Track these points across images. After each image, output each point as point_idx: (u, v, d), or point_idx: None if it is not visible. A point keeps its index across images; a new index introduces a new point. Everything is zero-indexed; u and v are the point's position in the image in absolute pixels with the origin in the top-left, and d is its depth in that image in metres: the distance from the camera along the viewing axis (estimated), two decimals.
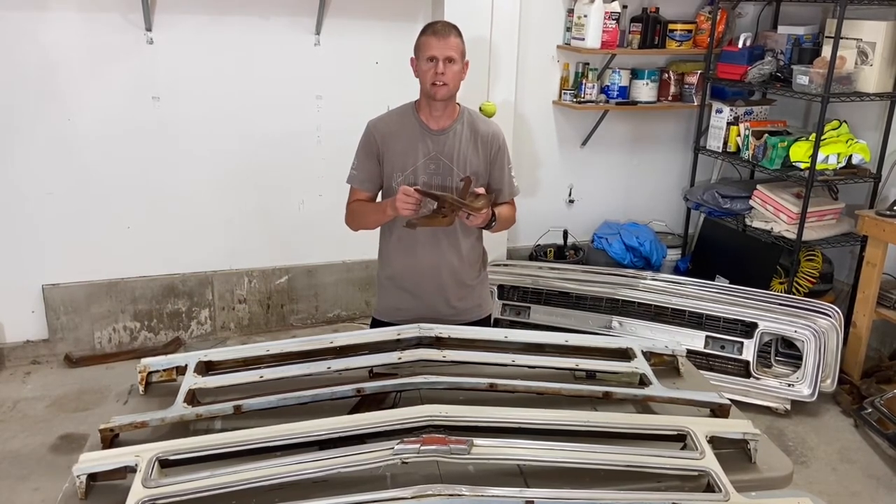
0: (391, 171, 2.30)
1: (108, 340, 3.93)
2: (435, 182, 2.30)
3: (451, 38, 2.23)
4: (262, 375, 1.96)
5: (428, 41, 2.23)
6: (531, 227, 4.54)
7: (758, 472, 1.75)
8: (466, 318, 2.48)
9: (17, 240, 3.66)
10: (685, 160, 4.73)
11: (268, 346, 2.10)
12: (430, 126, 2.30)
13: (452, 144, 2.31)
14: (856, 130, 3.94)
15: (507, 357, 2.07)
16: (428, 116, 2.31)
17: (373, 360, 2.04)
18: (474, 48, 3.86)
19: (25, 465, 3.00)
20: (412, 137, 2.29)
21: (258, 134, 3.89)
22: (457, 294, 2.45)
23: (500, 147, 2.38)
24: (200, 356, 2.04)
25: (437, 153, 2.30)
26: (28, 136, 3.55)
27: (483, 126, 2.37)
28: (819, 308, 3.59)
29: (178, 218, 3.90)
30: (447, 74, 2.21)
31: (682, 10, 4.38)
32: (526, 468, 1.69)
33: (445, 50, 2.21)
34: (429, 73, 2.23)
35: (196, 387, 1.90)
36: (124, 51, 3.58)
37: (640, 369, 2.03)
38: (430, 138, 2.30)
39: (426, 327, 2.16)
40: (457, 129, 2.32)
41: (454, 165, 2.31)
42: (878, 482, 3.03)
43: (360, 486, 1.57)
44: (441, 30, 2.23)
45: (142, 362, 2.02)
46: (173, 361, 2.03)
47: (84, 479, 1.59)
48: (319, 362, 2.03)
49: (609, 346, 2.18)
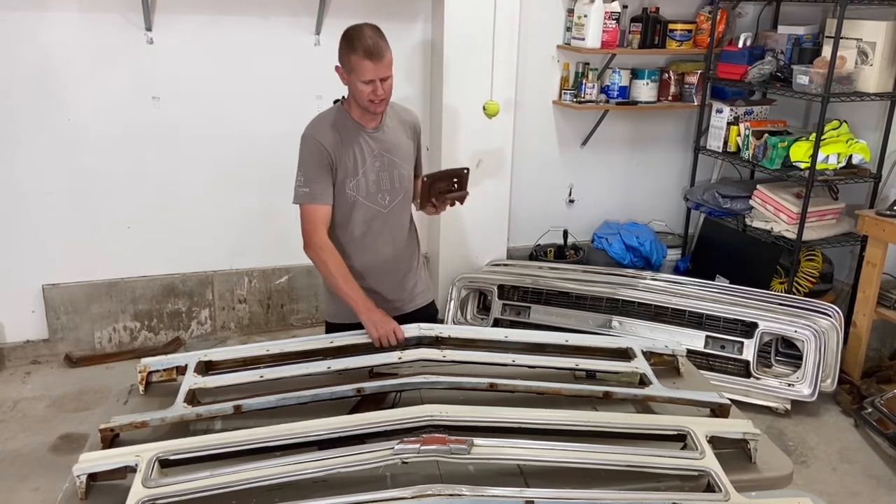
0: (343, 177, 2.28)
1: (108, 340, 3.93)
2: (384, 178, 2.33)
3: (385, 57, 2.19)
4: (262, 375, 1.97)
5: (363, 65, 2.15)
6: (531, 226, 4.54)
7: (758, 472, 1.76)
8: (420, 301, 2.53)
9: (17, 240, 3.66)
10: (685, 160, 4.73)
11: (268, 346, 2.10)
12: (367, 126, 2.32)
13: (390, 139, 2.35)
14: (856, 130, 3.94)
15: (508, 357, 2.07)
16: (361, 117, 2.31)
17: (373, 359, 2.04)
18: (475, 48, 3.89)
19: (25, 465, 3.00)
20: (354, 141, 2.30)
21: (258, 134, 3.89)
22: (412, 280, 2.51)
23: (420, 130, 2.50)
24: (200, 356, 2.04)
25: (380, 150, 2.33)
26: (28, 136, 3.55)
27: (405, 114, 2.46)
28: (819, 308, 3.59)
29: (178, 218, 3.89)
30: (386, 91, 2.23)
31: (682, 10, 4.37)
32: (526, 468, 1.69)
33: (382, 70, 2.19)
34: (366, 93, 2.20)
35: (196, 387, 1.90)
36: (124, 51, 3.58)
37: (640, 369, 2.03)
38: (370, 137, 2.32)
39: (426, 327, 2.17)
40: (387, 123, 2.36)
41: (396, 158, 2.36)
42: (878, 482, 3.03)
43: (360, 486, 1.58)
44: (375, 51, 2.15)
45: (142, 362, 2.03)
46: (173, 361, 2.03)
47: (84, 479, 1.59)
48: (319, 362, 2.03)
49: (609, 345, 2.19)
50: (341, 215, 2.32)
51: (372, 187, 2.32)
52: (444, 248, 4.16)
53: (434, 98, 4.09)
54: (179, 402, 1.84)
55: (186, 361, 2.02)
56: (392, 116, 2.39)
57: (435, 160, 4.13)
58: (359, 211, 2.32)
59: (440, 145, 4.02)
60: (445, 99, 3.96)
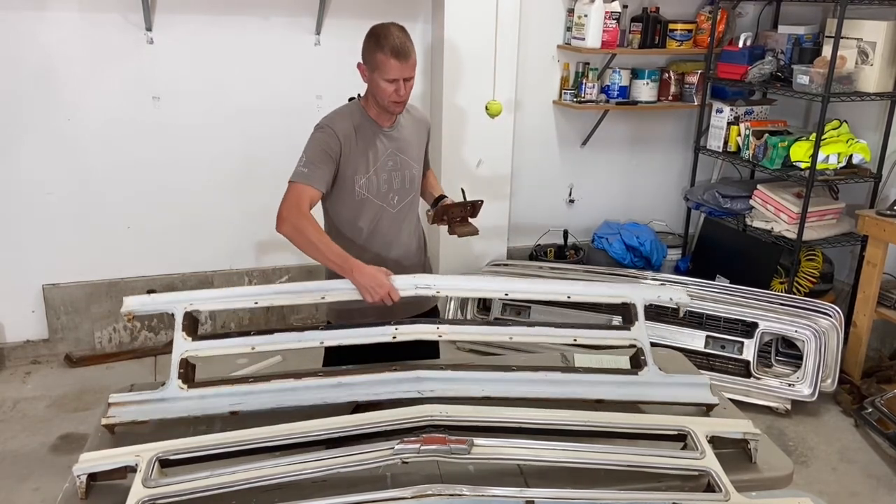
0: (353, 172, 2.26)
1: (108, 340, 3.93)
2: (395, 178, 2.33)
3: (411, 58, 2.19)
4: (253, 346, 1.94)
5: (389, 63, 2.16)
6: (531, 226, 4.54)
7: (758, 471, 1.76)
8: (427, 304, 2.45)
9: (17, 240, 3.66)
10: (685, 160, 4.73)
11: (256, 298, 2.04)
12: (382, 124, 2.32)
13: (404, 138, 2.36)
14: (856, 130, 3.94)
15: (504, 334, 2.05)
16: (378, 115, 2.31)
17: (367, 333, 2.00)
18: (475, 48, 3.88)
19: (25, 465, 3.00)
20: (369, 138, 2.29)
21: (258, 134, 3.89)
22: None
23: (430, 128, 2.52)
24: (186, 305, 1.95)
25: (393, 150, 2.33)
26: (28, 136, 3.55)
27: (416, 112, 2.46)
28: (819, 308, 3.59)
29: (179, 218, 3.89)
30: (407, 92, 2.23)
31: (683, 10, 4.37)
32: (526, 468, 1.69)
33: (407, 71, 2.19)
34: (389, 92, 2.20)
35: (188, 355, 1.89)
36: (124, 51, 3.58)
37: (637, 341, 1.99)
38: (385, 136, 2.32)
39: (422, 285, 2.10)
40: (402, 122, 2.36)
41: (408, 158, 2.36)
42: (878, 482, 3.03)
43: (360, 486, 1.58)
44: (402, 51, 2.16)
45: (124, 303, 1.95)
46: (158, 304, 1.97)
47: (84, 478, 1.59)
48: (312, 333, 1.97)
49: (610, 298, 2.11)
50: (349, 213, 2.31)
51: (383, 186, 2.30)
52: (444, 248, 4.16)
53: (434, 98, 4.09)
54: (174, 378, 1.85)
55: (173, 310, 1.95)
56: (405, 115, 2.38)
57: (435, 160, 4.11)
58: (367, 209, 2.31)
59: (440, 145, 4.02)
60: (445, 99, 3.96)
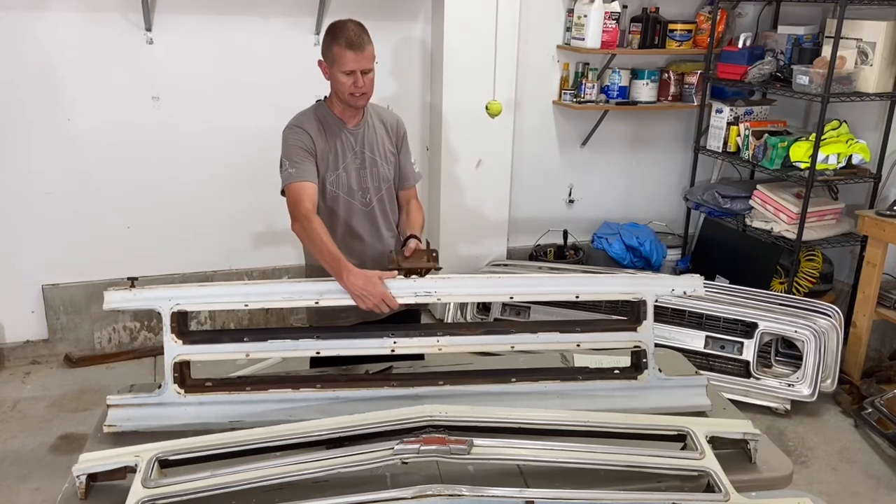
0: (324, 169, 2.30)
1: (108, 340, 3.93)
2: (363, 175, 2.34)
3: (367, 49, 2.21)
4: (247, 354, 1.95)
5: (344, 55, 2.18)
6: (531, 227, 4.54)
7: (758, 472, 1.76)
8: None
9: (17, 240, 3.65)
10: (685, 160, 4.73)
11: (247, 293, 2.05)
12: (347, 122, 2.34)
13: (371, 137, 2.37)
14: (856, 130, 3.94)
15: (506, 343, 2.03)
16: (343, 113, 2.33)
17: (363, 345, 1.99)
18: (475, 48, 3.88)
19: (25, 465, 3.00)
20: (336, 134, 2.32)
21: (258, 134, 3.87)
22: None
23: (404, 133, 2.48)
24: (172, 304, 1.98)
25: (360, 148, 2.35)
26: (28, 136, 3.55)
27: (387, 115, 2.47)
28: (819, 308, 3.58)
29: (178, 218, 3.89)
30: (367, 84, 2.24)
31: (682, 10, 4.37)
32: (526, 468, 1.69)
33: (363, 62, 2.20)
34: (347, 84, 2.22)
35: (181, 359, 1.89)
36: (124, 51, 3.58)
37: (642, 343, 1.98)
38: (352, 134, 2.34)
39: (422, 292, 2.09)
40: (369, 121, 2.38)
41: (377, 157, 2.37)
42: (878, 482, 3.03)
43: (360, 486, 1.58)
44: (357, 42, 2.18)
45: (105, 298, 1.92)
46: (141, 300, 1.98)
47: (84, 479, 1.59)
48: (308, 342, 1.97)
49: (621, 295, 2.07)
50: (326, 211, 2.33)
51: (354, 184, 2.34)
52: (443, 248, 4.16)
53: (434, 98, 4.09)
54: (169, 382, 1.86)
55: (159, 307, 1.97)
56: (373, 115, 2.41)
57: (435, 160, 4.13)
58: (341, 207, 2.34)
59: (440, 145, 4.02)
60: (445, 99, 3.96)
